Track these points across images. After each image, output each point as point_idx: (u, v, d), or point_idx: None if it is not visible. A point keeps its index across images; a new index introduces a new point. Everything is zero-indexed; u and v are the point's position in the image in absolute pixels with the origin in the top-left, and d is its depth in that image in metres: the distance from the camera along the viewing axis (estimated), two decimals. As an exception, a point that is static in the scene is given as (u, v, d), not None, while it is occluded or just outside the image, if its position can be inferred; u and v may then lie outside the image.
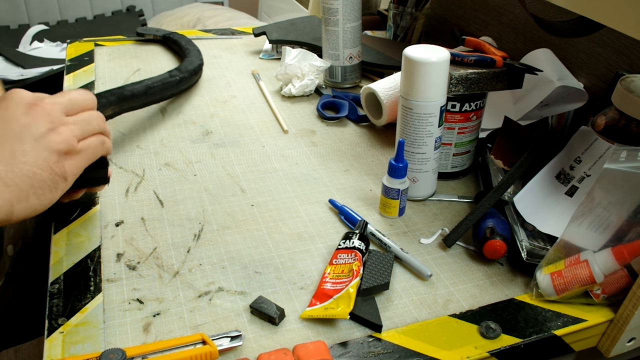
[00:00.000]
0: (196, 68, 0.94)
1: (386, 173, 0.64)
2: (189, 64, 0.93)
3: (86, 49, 1.09)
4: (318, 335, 0.50)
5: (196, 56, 0.98)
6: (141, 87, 0.79)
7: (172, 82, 0.85)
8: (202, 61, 0.98)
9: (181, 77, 0.88)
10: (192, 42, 1.05)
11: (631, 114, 0.55)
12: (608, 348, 0.54)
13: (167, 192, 0.69)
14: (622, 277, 0.50)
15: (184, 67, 0.91)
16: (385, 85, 0.81)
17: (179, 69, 0.89)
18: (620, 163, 0.49)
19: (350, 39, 0.93)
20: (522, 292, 0.56)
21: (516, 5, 0.91)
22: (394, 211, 0.65)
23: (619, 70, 0.72)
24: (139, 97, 0.79)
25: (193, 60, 0.95)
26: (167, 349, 0.46)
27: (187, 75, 0.90)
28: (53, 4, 2.20)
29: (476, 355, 0.48)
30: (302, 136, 0.83)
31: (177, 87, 0.87)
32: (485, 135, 0.76)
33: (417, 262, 0.57)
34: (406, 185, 0.64)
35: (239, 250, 0.60)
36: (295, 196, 0.69)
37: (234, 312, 0.52)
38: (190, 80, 0.92)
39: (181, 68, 0.90)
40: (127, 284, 0.55)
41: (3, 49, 1.82)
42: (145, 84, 0.81)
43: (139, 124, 0.83)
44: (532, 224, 0.59)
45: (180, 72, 0.88)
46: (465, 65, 0.66)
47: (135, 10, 2.30)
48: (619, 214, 0.50)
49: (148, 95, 0.81)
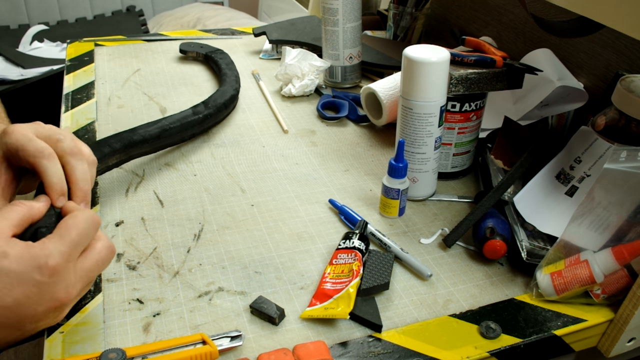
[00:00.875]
0: (227, 101, 0.83)
1: (386, 173, 0.64)
2: (219, 96, 0.82)
3: (86, 49, 1.09)
4: (318, 335, 0.50)
5: (231, 85, 0.88)
6: (154, 130, 0.69)
7: (194, 121, 0.75)
8: (236, 90, 0.88)
9: (206, 114, 0.77)
10: (232, 65, 0.96)
11: (631, 114, 0.55)
12: (608, 348, 0.54)
13: (167, 192, 0.69)
14: (622, 277, 0.50)
15: (212, 101, 0.80)
16: (385, 85, 0.81)
17: (206, 104, 0.79)
18: (620, 163, 0.49)
19: (350, 39, 0.93)
20: (522, 292, 0.56)
21: (516, 5, 0.91)
22: (394, 211, 0.65)
23: (619, 70, 0.72)
24: (151, 142, 0.68)
25: (225, 91, 0.84)
26: (167, 349, 0.46)
27: (214, 112, 0.79)
28: (53, 4, 2.20)
29: (476, 355, 0.48)
30: (302, 136, 0.83)
31: (200, 126, 0.77)
32: (485, 135, 0.76)
33: (417, 262, 0.57)
34: (406, 185, 0.64)
35: (239, 250, 0.60)
36: (295, 196, 0.69)
37: (234, 312, 0.52)
38: (217, 116, 0.81)
39: (208, 102, 0.79)
40: (127, 284, 0.55)
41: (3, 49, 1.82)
42: (161, 125, 0.71)
43: (139, 124, 0.83)
44: (532, 224, 0.59)
45: (206, 108, 0.78)
46: (465, 65, 0.66)
47: (135, 10, 2.30)
48: (619, 214, 0.50)
49: (162, 138, 0.71)
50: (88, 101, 0.89)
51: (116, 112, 0.86)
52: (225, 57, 1.00)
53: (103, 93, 0.92)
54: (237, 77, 0.92)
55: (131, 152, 0.67)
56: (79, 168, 0.49)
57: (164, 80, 0.98)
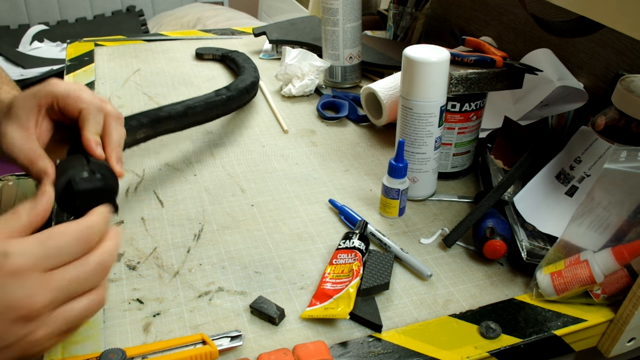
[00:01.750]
0: (248, 86, 0.86)
1: (386, 173, 0.64)
2: (240, 82, 0.86)
3: (86, 49, 1.09)
4: (318, 335, 0.50)
5: (250, 73, 0.91)
6: (180, 108, 0.71)
7: (217, 102, 0.77)
8: (256, 78, 0.91)
9: (229, 95, 0.80)
10: (249, 60, 0.99)
11: (631, 114, 0.55)
12: (608, 348, 0.54)
13: (167, 192, 0.69)
14: (622, 277, 0.50)
15: (234, 86, 0.83)
16: (385, 85, 0.81)
17: (228, 88, 0.82)
18: (620, 163, 0.49)
19: (350, 39, 0.93)
20: (522, 292, 0.56)
21: (516, 5, 0.91)
22: (394, 211, 0.65)
23: (619, 70, 0.72)
24: (177, 119, 0.71)
25: (246, 78, 0.88)
26: (167, 349, 0.46)
27: (236, 94, 0.82)
28: (53, 4, 2.20)
29: (476, 355, 0.48)
30: (302, 136, 0.83)
31: (224, 107, 0.79)
32: (485, 135, 0.76)
33: (417, 262, 0.57)
34: (406, 185, 0.64)
35: (239, 250, 0.60)
36: (295, 196, 0.69)
37: (234, 312, 0.52)
38: (240, 100, 0.84)
39: (230, 86, 0.83)
40: (127, 284, 0.55)
41: (3, 48, 1.82)
42: (186, 103, 0.73)
43: (139, 124, 0.83)
44: (532, 224, 0.59)
45: (229, 91, 0.80)
46: (465, 65, 0.66)
47: (135, 10, 2.30)
48: (619, 214, 0.50)
49: (188, 116, 0.72)
50: (88, 101, 0.89)
51: (116, 112, 0.86)
52: (240, 54, 1.02)
53: (103, 93, 0.92)
54: (256, 68, 0.95)
55: (158, 128, 0.69)
56: (119, 130, 0.52)
57: (164, 80, 0.98)
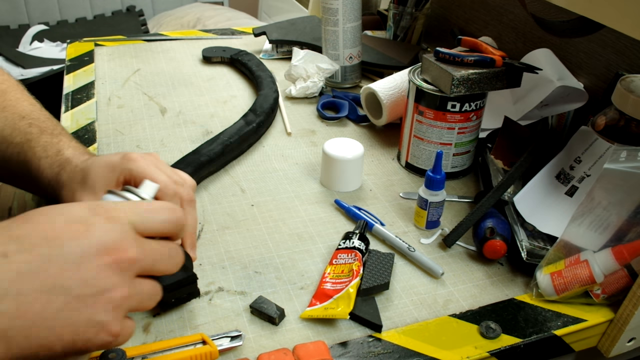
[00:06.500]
0: (272, 105, 0.82)
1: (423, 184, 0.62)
2: (264, 101, 0.81)
3: (86, 49, 1.09)
4: (318, 335, 0.50)
5: (269, 87, 0.86)
6: (217, 147, 0.70)
7: (250, 131, 0.76)
8: (276, 92, 0.87)
9: (259, 121, 0.77)
10: (263, 66, 0.96)
11: (631, 114, 0.55)
12: (608, 348, 0.54)
13: (167, 192, 0.69)
14: (622, 277, 0.50)
15: (259, 107, 0.79)
16: (385, 85, 0.81)
17: (254, 111, 0.78)
18: (620, 163, 0.49)
19: (350, 39, 0.93)
20: (522, 292, 0.56)
21: (516, 5, 0.91)
22: (421, 221, 0.64)
23: (619, 70, 0.72)
24: (216, 160, 0.70)
25: (267, 95, 0.83)
26: (167, 349, 0.46)
27: (264, 118, 0.79)
28: (53, 4, 2.20)
29: (476, 355, 0.48)
30: (302, 136, 0.83)
31: (255, 135, 0.78)
32: (485, 135, 0.76)
33: (429, 260, 0.57)
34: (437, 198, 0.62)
35: (239, 250, 0.60)
36: (295, 196, 0.69)
37: (234, 312, 0.52)
38: (267, 122, 0.81)
39: (256, 109, 0.79)
40: (127, 284, 0.55)
41: (3, 48, 1.82)
42: (222, 141, 0.71)
43: (138, 124, 0.83)
44: (532, 224, 0.59)
45: (257, 115, 0.77)
46: (465, 65, 0.66)
47: (135, 10, 2.30)
48: (619, 214, 0.50)
49: (225, 154, 0.72)
50: (88, 101, 0.89)
51: (116, 112, 0.86)
52: (252, 57, 1.00)
53: (103, 93, 0.92)
54: (273, 78, 0.92)
55: (201, 174, 0.68)
56: (193, 215, 0.51)
57: (164, 80, 0.98)
